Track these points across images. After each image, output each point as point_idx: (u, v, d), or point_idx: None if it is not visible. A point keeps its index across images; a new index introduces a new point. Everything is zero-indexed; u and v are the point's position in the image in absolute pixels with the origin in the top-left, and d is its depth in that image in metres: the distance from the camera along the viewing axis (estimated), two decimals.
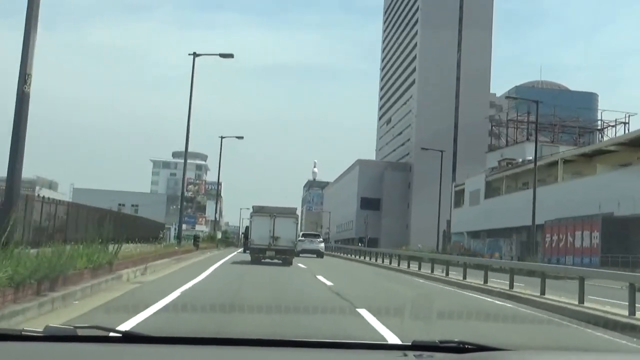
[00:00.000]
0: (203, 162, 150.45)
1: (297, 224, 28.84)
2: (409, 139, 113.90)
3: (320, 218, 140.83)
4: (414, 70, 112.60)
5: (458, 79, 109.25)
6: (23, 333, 2.84)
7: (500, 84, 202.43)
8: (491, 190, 54.10)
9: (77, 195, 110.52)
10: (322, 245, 45.60)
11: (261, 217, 27.15)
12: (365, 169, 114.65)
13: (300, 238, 39.41)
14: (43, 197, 24.46)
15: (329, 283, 16.82)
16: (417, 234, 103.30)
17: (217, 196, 54.27)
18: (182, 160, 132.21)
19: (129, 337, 2.97)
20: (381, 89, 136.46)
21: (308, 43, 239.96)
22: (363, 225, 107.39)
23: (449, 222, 59.69)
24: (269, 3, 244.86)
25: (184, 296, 11.31)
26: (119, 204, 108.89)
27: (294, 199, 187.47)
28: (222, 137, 51.07)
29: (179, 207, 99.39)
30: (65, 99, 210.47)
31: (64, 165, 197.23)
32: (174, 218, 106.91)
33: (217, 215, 54.44)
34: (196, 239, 34.09)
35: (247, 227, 33.31)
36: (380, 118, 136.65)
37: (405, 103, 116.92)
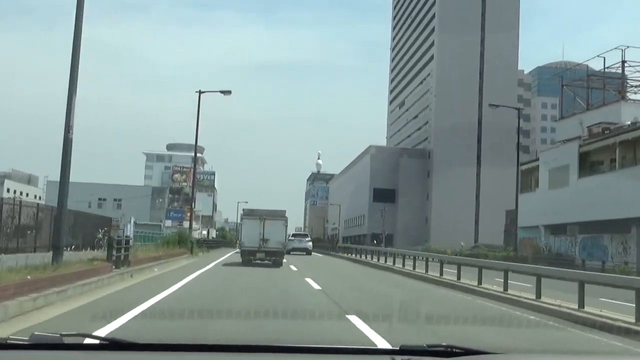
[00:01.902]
0: (199, 155, 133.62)
1: (287, 225, 27.46)
2: (426, 122, 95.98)
3: (326, 213, 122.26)
4: (432, 44, 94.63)
5: (482, 54, 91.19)
6: (9, 341, 2.71)
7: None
8: (587, 165, 36.01)
9: (51, 189, 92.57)
10: (310, 244, 47.53)
11: (251, 220, 26.33)
12: (377, 156, 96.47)
13: (290, 238, 39.63)
14: None
15: None
16: (439, 229, 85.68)
17: (195, 173, 36.36)
18: (178, 153, 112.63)
19: (115, 345, 2.82)
20: (392, 70, 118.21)
21: (303, 40, 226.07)
22: (377, 220, 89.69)
23: (511, 214, 41.59)
24: (264, 1, 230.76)
25: None
26: (100, 198, 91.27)
27: (297, 195, 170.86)
28: (200, 92, 33.28)
29: (165, 199, 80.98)
30: (62, 97, 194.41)
31: (58, 161, 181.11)
32: (160, 213, 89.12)
33: (194, 204, 36.47)
34: (113, 244, 14.76)
35: None
36: (391, 102, 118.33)
37: (421, 82, 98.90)
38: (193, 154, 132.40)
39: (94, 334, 2.93)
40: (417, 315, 8.84)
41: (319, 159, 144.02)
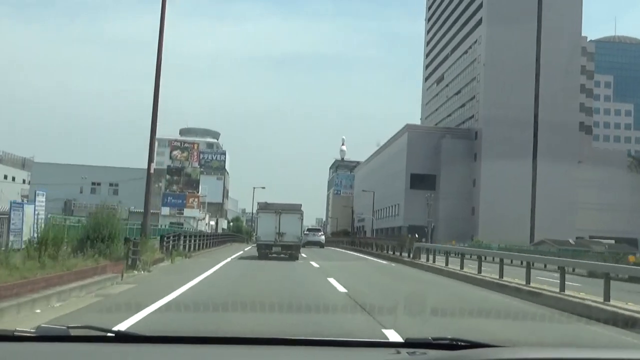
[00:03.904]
0: (214, 140, 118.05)
1: (302, 219, 26.08)
2: (472, 97, 78.91)
3: (351, 202, 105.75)
4: (480, 6, 77.53)
5: (539, 16, 73.98)
6: (16, 333, 2.61)
7: None
8: None
9: (37, 172, 76.68)
10: (323, 237, 47.84)
11: (267, 214, 25.42)
12: (415, 137, 79.68)
13: (305, 232, 38.11)
14: None
15: None
16: (488, 220, 68.71)
17: (156, 119, 19.94)
18: (192, 139, 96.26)
19: (122, 337, 2.74)
20: (427, 42, 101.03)
21: (322, 32, 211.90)
22: (415, 210, 73.21)
23: None
24: None
25: None
26: (94, 183, 75.27)
27: (319, 185, 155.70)
28: None
29: (164, 184, 64.77)
30: (80, 88, 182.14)
31: (72, 150, 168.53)
32: (156, 200, 72.79)
33: (153, 168, 19.33)
34: None
35: None
36: (426, 79, 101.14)
37: (466, 51, 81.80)
38: (208, 139, 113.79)
39: (101, 326, 2.71)
40: None
41: (343, 144, 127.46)
